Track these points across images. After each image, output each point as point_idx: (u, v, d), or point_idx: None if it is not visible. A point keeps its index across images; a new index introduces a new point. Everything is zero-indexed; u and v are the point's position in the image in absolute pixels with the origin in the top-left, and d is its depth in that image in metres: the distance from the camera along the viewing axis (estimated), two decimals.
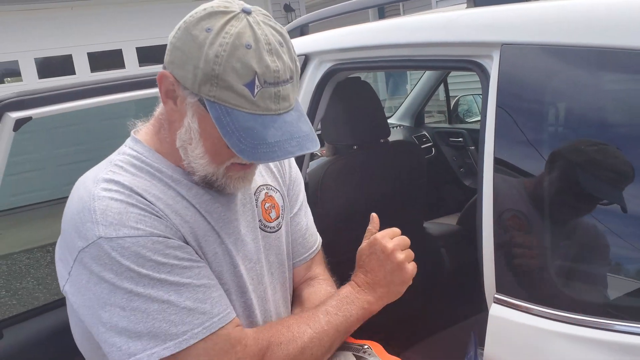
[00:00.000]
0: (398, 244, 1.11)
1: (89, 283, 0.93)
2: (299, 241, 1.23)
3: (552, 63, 1.17)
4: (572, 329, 1.01)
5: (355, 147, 2.25)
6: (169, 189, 1.00)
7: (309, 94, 1.89)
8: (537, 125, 1.19)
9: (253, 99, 0.88)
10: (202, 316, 0.94)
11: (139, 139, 1.05)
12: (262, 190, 1.15)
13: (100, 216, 0.92)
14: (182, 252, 0.96)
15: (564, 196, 1.16)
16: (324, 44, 1.87)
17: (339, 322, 1.06)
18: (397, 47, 1.58)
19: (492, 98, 1.22)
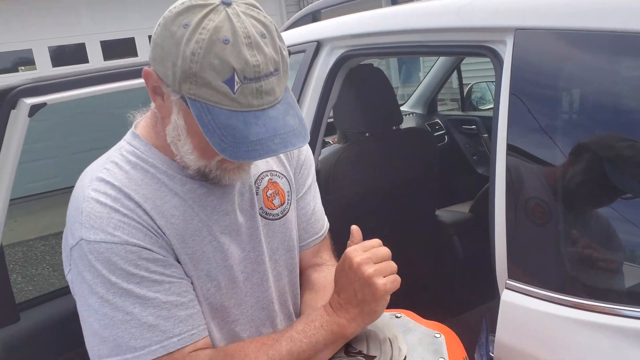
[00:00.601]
0: (368, 257, 0.98)
1: (78, 278, 0.95)
2: (303, 226, 1.22)
3: (568, 48, 1.16)
4: (584, 314, 1.01)
5: (367, 135, 2.25)
6: (161, 187, 1.00)
7: (321, 81, 1.89)
8: (551, 111, 1.18)
9: (233, 96, 0.85)
10: (162, 334, 0.94)
11: (138, 133, 1.04)
12: (264, 177, 1.14)
13: (85, 218, 0.93)
14: (154, 265, 0.95)
15: (578, 184, 1.15)
16: (336, 30, 1.87)
17: (301, 350, 0.99)
18: (409, 32, 1.57)
19: (505, 84, 1.21)
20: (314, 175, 1.26)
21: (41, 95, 1.14)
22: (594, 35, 1.10)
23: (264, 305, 1.12)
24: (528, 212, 1.18)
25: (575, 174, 1.14)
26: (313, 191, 1.25)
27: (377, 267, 0.97)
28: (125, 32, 8.25)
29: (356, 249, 0.99)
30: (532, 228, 1.18)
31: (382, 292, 0.96)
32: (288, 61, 0.92)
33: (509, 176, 1.18)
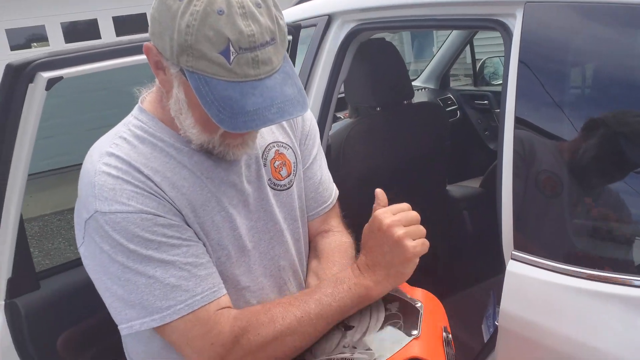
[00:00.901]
0: (398, 220, 0.98)
1: (95, 250, 0.97)
2: (311, 195, 1.23)
3: (577, 21, 1.16)
4: (586, 283, 1.03)
5: (378, 109, 2.26)
6: (170, 160, 1.02)
7: (331, 54, 1.90)
8: (560, 85, 1.18)
9: (229, 67, 0.86)
10: (185, 293, 0.96)
11: (144, 107, 1.06)
12: (272, 148, 1.15)
13: (98, 191, 0.95)
14: (170, 231, 0.97)
15: (586, 156, 1.16)
16: (346, 4, 1.87)
17: (331, 313, 0.99)
18: (420, 6, 1.57)
19: (514, 57, 1.21)
20: (319, 144, 1.27)
21: (58, 69, 1.16)
22: (603, 7, 1.10)
23: (272, 272, 1.15)
24: (535, 184, 1.19)
25: (584, 147, 1.15)
26: (319, 161, 1.26)
27: (407, 229, 0.97)
28: (137, 7, 8.25)
29: (385, 212, 1.00)
30: (538, 200, 1.19)
31: (412, 254, 0.96)
32: (285, 30, 0.92)
33: (517, 148, 1.19)
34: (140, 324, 0.96)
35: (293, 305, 1.00)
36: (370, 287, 0.99)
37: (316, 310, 0.98)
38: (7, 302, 1.37)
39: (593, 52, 1.17)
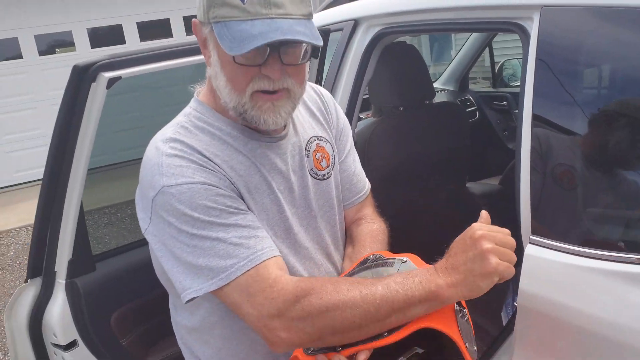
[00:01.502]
0: (493, 236, 0.98)
1: (163, 225, 1.07)
2: (346, 186, 1.34)
3: (591, 23, 1.25)
4: (599, 263, 1.13)
5: (401, 109, 2.36)
6: (227, 146, 1.12)
7: (357, 57, 2.00)
8: (574, 83, 1.28)
9: (243, 6, 0.98)
10: (247, 250, 1.03)
11: (200, 99, 1.17)
12: (313, 141, 1.26)
13: (165, 169, 1.05)
14: (230, 201, 1.07)
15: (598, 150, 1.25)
16: (372, 9, 1.97)
17: (396, 299, 0.98)
18: (442, 10, 1.67)
19: (531, 58, 1.31)
20: (352, 140, 1.38)
21: (117, 69, 1.29)
22: (615, 10, 1.19)
23: (311, 254, 1.24)
24: (551, 176, 1.29)
25: (597, 141, 1.24)
26: (352, 155, 1.38)
27: (497, 247, 0.97)
28: (161, 13, 8.41)
29: (482, 225, 1.02)
30: (554, 189, 1.29)
31: (493, 269, 0.95)
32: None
33: (534, 143, 1.29)
34: (209, 285, 1.03)
35: (360, 284, 1.02)
36: (442, 286, 0.98)
37: (382, 292, 0.99)
38: (68, 281, 1.50)
39: (606, 53, 1.26)
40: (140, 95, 3.43)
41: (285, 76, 1.05)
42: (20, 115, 7.79)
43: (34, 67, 7.83)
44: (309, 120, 1.29)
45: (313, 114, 1.31)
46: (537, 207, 1.27)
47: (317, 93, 1.36)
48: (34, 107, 7.89)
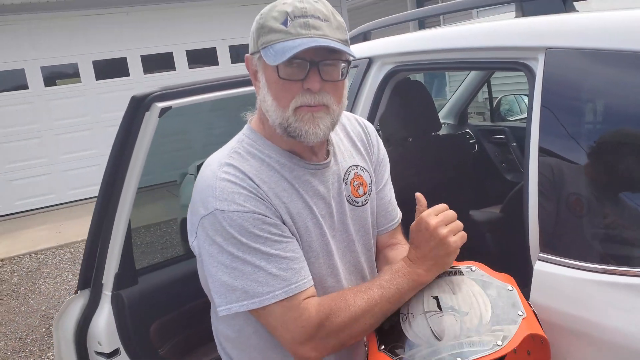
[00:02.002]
0: (442, 220, 1.18)
1: (206, 242, 1.18)
2: (382, 213, 1.46)
3: (590, 65, 1.40)
4: (602, 276, 1.26)
5: (410, 139, 2.51)
6: (275, 173, 1.23)
7: (372, 92, 2.15)
8: (576, 118, 1.43)
9: (286, 29, 1.12)
10: (283, 282, 1.15)
11: (253, 127, 1.30)
12: (352, 170, 1.37)
13: (219, 193, 1.16)
14: (275, 229, 1.18)
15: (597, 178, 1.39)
16: (385, 49, 2.13)
17: (390, 295, 1.18)
18: (455, 51, 1.83)
19: (537, 95, 1.45)
20: (389, 171, 1.51)
21: (168, 100, 1.44)
22: (614, 54, 1.35)
23: (347, 277, 1.35)
24: (557, 200, 1.43)
25: (597, 169, 1.39)
26: (389, 185, 1.51)
27: (449, 227, 1.19)
28: (164, 47, 8.68)
29: (430, 214, 1.20)
30: (560, 212, 1.43)
31: (454, 248, 1.19)
32: (342, 23, 1.18)
33: (540, 172, 1.43)
34: (239, 306, 1.16)
35: (360, 291, 1.20)
36: (422, 274, 1.20)
37: (379, 293, 1.18)
38: (114, 293, 1.61)
39: (603, 91, 1.41)
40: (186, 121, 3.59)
41: (324, 92, 1.17)
42: (24, 144, 7.93)
43: (40, 98, 8.01)
44: (349, 150, 1.40)
45: (355, 144, 1.43)
46: (545, 228, 1.41)
47: (361, 125, 1.49)
48: (39, 136, 8.02)
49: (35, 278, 5.64)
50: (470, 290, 1.23)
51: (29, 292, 5.30)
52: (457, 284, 1.24)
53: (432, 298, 1.23)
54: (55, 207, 8.02)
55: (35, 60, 7.89)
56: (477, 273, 1.27)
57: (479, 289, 1.23)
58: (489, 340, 1.13)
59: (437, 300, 1.22)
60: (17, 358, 4.09)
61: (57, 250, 6.31)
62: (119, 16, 8.25)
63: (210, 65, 8.98)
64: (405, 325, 1.22)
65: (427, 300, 1.24)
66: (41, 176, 8.04)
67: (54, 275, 5.64)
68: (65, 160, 8.19)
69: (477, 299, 1.21)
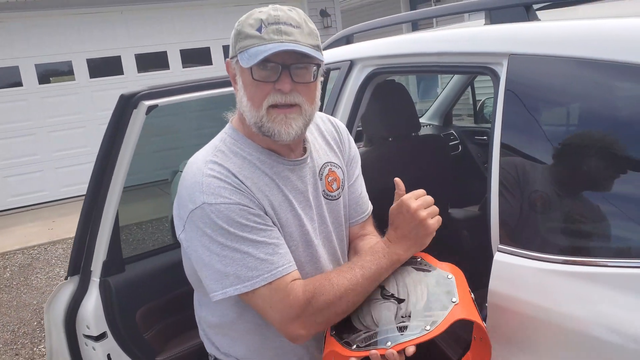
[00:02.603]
0: (421, 204, 1.31)
1: (197, 234, 1.26)
2: (353, 206, 1.56)
3: (550, 69, 1.51)
4: (554, 265, 1.36)
5: (390, 139, 2.62)
6: (256, 169, 1.32)
7: (353, 93, 2.24)
8: (535, 119, 1.53)
9: (260, 35, 1.21)
10: (271, 265, 1.25)
11: (234, 126, 1.38)
12: (326, 167, 1.47)
13: (206, 188, 1.25)
14: (259, 219, 1.27)
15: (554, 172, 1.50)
16: (366, 52, 2.23)
17: (371, 273, 1.28)
18: (428, 55, 1.93)
19: (500, 97, 1.56)
20: (360, 167, 1.61)
21: (155, 98, 1.53)
22: (568, 60, 1.45)
23: (325, 266, 1.44)
24: (516, 196, 1.53)
25: (553, 167, 1.49)
26: (360, 180, 1.61)
27: (428, 210, 1.32)
28: (158, 46, 8.76)
29: (410, 197, 1.33)
30: (517, 207, 1.53)
31: (432, 230, 1.32)
32: (314, 31, 1.28)
33: (502, 167, 1.54)
34: (233, 290, 1.25)
35: (343, 271, 1.30)
36: (401, 254, 1.32)
37: (361, 272, 1.28)
38: (102, 279, 1.71)
39: (561, 94, 1.52)
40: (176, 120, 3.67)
41: (295, 92, 1.26)
42: (18, 141, 7.98)
43: (34, 95, 8.07)
44: (324, 148, 1.51)
45: (328, 143, 1.53)
46: (504, 221, 1.51)
47: (334, 125, 1.59)
48: (33, 133, 8.08)
49: (27, 273, 5.71)
50: (412, 279, 1.33)
51: (21, 287, 5.37)
52: (400, 273, 1.35)
53: (378, 287, 1.34)
54: (47, 204, 8.09)
55: (30, 57, 7.95)
56: (420, 263, 1.38)
57: (420, 277, 1.33)
58: (418, 325, 1.23)
59: (382, 289, 1.32)
60: (9, 350, 4.16)
61: (49, 247, 6.38)
62: (114, 15, 8.33)
63: (204, 65, 9.07)
64: (353, 313, 1.33)
65: (374, 289, 1.34)
66: (34, 173, 8.11)
67: (46, 270, 5.71)
68: (58, 158, 8.25)
69: (415, 288, 1.31)
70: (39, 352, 4.09)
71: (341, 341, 1.28)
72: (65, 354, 1.79)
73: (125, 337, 1.74)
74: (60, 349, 1.79)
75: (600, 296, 1.26)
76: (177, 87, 1.57)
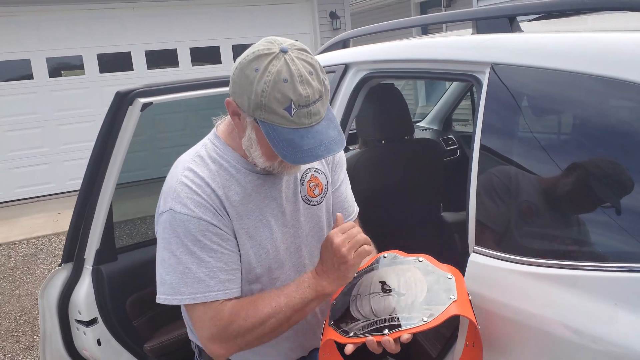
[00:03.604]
0: (345, 238, 1.31)
1: (158, 235, 1.34)
2: (339, 210, 1.60)
3: (528, 78, 1.57)
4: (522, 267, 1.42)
5: (383, 142, 2.68)
6: (230, 177, 1.37)
7: (346, 96, 2.30)
8: (511, 122, 1.60)
9: (291, 118, 1.18)
10: (206, 288, 1.30)
11: (218, 134, 1.42)
12: (308, 173, 1.52)
13: (175, 195, 1.31)
14: (215, 237, 1.31)
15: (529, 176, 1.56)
16: (360, 56, 2.30)
17: (295, 303, 1.31)
18: (418, 61, 2.00)
19: (482, 102, 1.62)
20: (345, 171, 1.66)
21: (150, 96, 1.61)
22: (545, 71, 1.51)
23: (298, 269, 1.50)
24: (491, 200, 1.59)
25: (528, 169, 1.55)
26: (345, 184, 1.65)
27: (350, 245, 1.31)
28: (168, 43, 8.85)
29: (336, 232, 1.34)
30: (493, 209, 1.59)
31: (352, 265, 1.32)
32: (329, 88, 1.27)
33: (480, 170, 1.60)
34: (164, 298, 1.33)
35: (268, 298, 1.34)
36: (326, 286, 1.34)
37: (285, 301, 1.33)
38: (94, 267, 1.79)
39: (538, 103, 1.58)
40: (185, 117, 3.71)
41: None
42: (26, 133, 8.09)
43: (43, 88, 8.19)
44: None
45: None
46: (480, 224, 1.57)
47: None
48: (41, 126, 8.19)
49: (31, 263, 5.81)
50: (413, 277, 1.40)
51: (25, 277, 5.48)
52: (401, 271, 1.41)
53: (379, 282, 1.41)
54: (53, 196, 8.19)
55: (41, 51, 8.07)
56: (423, 263, 1.45)
57: (421, 276, 1.40)
58: (416, 317, 1.30)
59: (382, 284, 1.39)
60: (10, 337, 4.26)
61: (54, 238, 6.49)
62: (125, 11, 8.43)
63: (213, 64, 9.16)
64: (352, 304, 1.40)
65: (374, 284, 1.42)
66: (41, 165, 8.22)
67: (49, 261, 5.81)
68: (65, 151, 8.35)
69: (416, 284, 1.38)
70: (38, 339, 4.18)
71: (339, 330, 1.34)
72: (58, 338, 1.87)
73: (115, 324, 1.81)
74: (53, 333, 1.87)
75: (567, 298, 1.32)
76: (172, 86, 1.64)
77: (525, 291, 1.41)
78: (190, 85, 1.69)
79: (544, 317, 1.35)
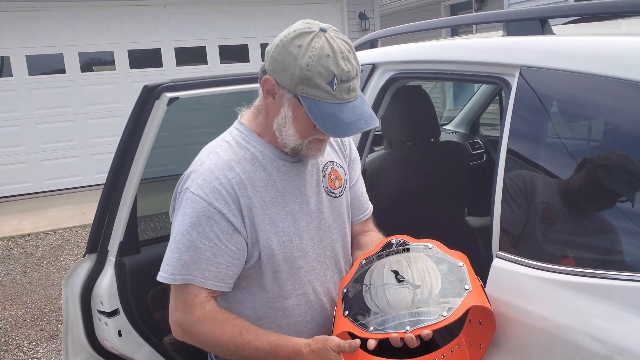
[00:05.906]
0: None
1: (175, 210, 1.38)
2: (356, 205, 1.63)
3: (557, 82, 1.54)
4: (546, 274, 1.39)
5: (408, 144, 2.66)
6: (256, 163, 1.39)
7: (373, 96, 2.30)
8: (540, 126, 1.57)
9: (333, 93, 1.23)
10: (186, 272, 1.34)
11: (243, 122, 1.45)
12: (329, 165, 1.54)
13: (196, 176, 1.35)
14: (218, 228, 1.33)
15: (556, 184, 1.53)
16: (387, 56, 2.28)
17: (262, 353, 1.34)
18: (446, 62, 1.98)
19: (511, 106, 1.60)
20: (360, 169, 1.67)
21: (177, 91, 1.62)
22: (576, 74, 1.48)
23: (320, 259, 1.50)
24: (517, 205, 1.56)
25: (555, 179, 1.52)
26: (361, 181, 1.67)
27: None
28: (198, 41, 8.94)
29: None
30: (520, 215, 1.57)
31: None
32: (360, 67, 1.32)
33: (507, 174, 1.57)
34: (159, 275, 1.37)
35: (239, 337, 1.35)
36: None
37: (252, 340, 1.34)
38: (118, 259, 1.81)
39: (569, 108, 1.55)
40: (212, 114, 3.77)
41: None
42: (57, 126, 8.24)
43: (75, 83, 8.33)
44: (327, 148, 1.55)
45: (331, 144, 1.59)
46: (504, 230, 1.55)
47: None
48: (72, 119, 8.34)
49: (57, 254, 5.92)
50: (425, 266, 1.39)
51: (51, 267, 5.58)
52: (413, 259, 1.40)
53: (391, 272, 1.39)
54: (81, 189, 8.33)
55: (74, 46, 8.21)
56: (433, 250, 1.43)
57: (433, 264, 1.39)
58: (435, 311, 1.29)
59: (395, 274, 1.37)
60: (35, 325, 4.34)
61: (80, 230, 6.60)
62: (157, 8, 8.54)
63: (242, 62, 9.22)
64: (366, 295, 1.38)
65: (387, 273, 1.40)
66: (70, 158, 8.37)
67: (75, 252, 5.91)
68: (94, 145, 8.48)
69: (429, 274, 1.37)
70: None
71: (356, 322, 1.33)
72: (80, 327, 1.90)
73: (136, 316, 1.83)
74: (75, 322, 1.90)
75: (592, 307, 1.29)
76: (199, 82, 1.66)
77: (548, 299, 1.38)
78: (217, 81, 1.71)
79: (567, 326, 1.32)
